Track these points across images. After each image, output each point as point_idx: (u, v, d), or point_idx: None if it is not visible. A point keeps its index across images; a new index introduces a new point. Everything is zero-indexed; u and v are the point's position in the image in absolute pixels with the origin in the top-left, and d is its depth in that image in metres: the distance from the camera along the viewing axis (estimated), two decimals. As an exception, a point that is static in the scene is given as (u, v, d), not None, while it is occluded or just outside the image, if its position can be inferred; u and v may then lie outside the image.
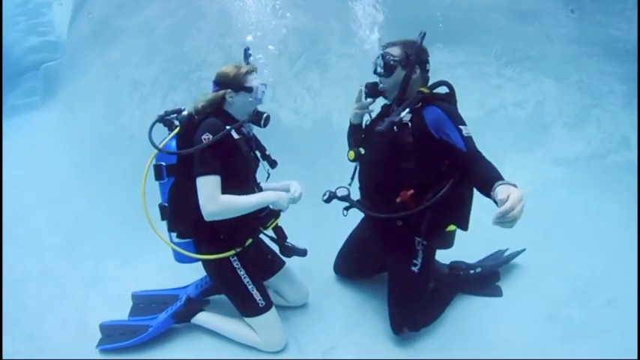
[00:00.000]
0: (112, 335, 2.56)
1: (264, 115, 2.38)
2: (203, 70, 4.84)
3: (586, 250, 3.30)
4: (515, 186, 1.75)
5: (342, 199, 2.66)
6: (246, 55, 2.47)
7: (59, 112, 6.75)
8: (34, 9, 10.75)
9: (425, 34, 2.37)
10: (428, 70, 2.48)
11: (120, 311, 2.81)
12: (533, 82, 5.04)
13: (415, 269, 2.50)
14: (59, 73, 8.12)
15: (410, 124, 2.27)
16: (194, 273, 2.83)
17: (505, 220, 1.60)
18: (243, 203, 2.24)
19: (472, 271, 2.96)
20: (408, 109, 2.28)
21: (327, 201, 2.68)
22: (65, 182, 4.77)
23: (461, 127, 2.16)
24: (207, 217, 2.17)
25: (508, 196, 1.64)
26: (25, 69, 9.86)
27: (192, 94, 2.46)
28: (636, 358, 2.33)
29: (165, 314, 2.58)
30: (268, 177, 2.60)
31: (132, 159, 4.54)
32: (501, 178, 1.86)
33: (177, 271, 2.87)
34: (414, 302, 2.55)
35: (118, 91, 5.32)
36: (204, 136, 2.16)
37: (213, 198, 2.14)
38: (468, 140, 2.12)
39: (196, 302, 2.67)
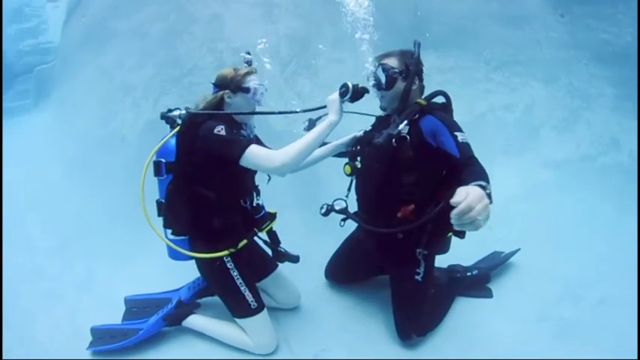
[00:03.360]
0: (103, 338, 2.56)
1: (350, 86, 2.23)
2: (195, 74, 4.85)
3: (576, 251, 3.35)
4: (484, 187, 1.62)
5: (340, 212, 2.67)
6: (247, 58, 2.50)
7: (52, 115, 6.72)
8: (27, 12, 10.71)
9: (420, 44, 2.41)
10: (423, 79, 2.51)
11: (112, 313, 2.81)
12: (522, 86, 5.09)
13: (419, 278, 2.53)
14: (52, 76, 8.08)
15: (408, 137, 2.28)
16: (187, 275, 2.84)
17: (463, 221, 1.48)
18: (305, 143, 2.17)
19: (469, 274, 3.00)
20: (406, 121, 2.30)
21: (325, 214, 2.70)
22: (57, 184, 4.75)
23: (456, 133, 2.15)
24: (281, 174, 2.18)
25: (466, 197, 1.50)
26: (17, 72, 9.83)
27: (184, 98, 2.48)
28: (636, 358, 2.35)
29: (156, 317, 2.58)
30: (269, 179, 2.60)
31: (124, 162, 4.55)
32: (482, 180, 1.72)
33: (170, 272, 2.88)
34: (420, 309, 2.58)
35: (110, 94, 5.31)
36: (217, 129, 2.18)
37: (269, 157, 2.13)
38: (463, 146, 2.10)
39: (187, 305, 2.68)
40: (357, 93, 2.23)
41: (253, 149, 2.14)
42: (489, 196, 1.62)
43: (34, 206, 4.46)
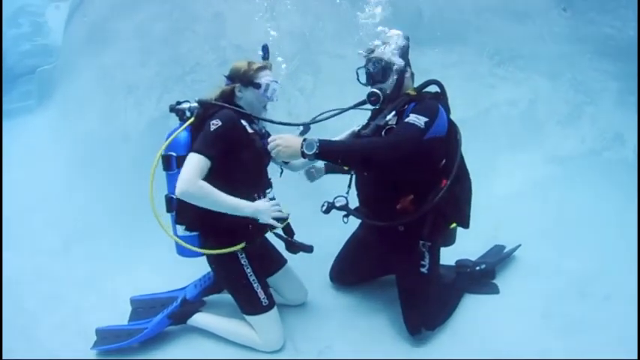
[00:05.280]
0: (108, 338, 2.55)
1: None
2: (197, 72, 4.86)
3: (581, 247, 3.32)
4: (304, 140, 2.08)
5: (341, 208, 2.65)
6: (264, 51, 2.49)
7: (54, 116, 6.72)
8: (28, 13, 10.71)
9: (409, 37, 2.44)
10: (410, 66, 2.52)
11: (116, 313, 2.80)
12: (526, 81, 5.06)
13: (424, 270, 2.51)
14: (54, 76, 8.07)
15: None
16: (194, 273, 2.84)
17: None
18: (217, 199, 2.16)
19: (478, 268, 3.00)
20: (394, 112, 2.29)
21: (326, 212, 2.67)
22: (60, 184, 4.76)
23: (413, 114, 2.15)
24: (178, 194, 2.10)
25: None
26: (20, 73, 9.81)
27: (187, 97, 2.47)
28: (636, 358, 2.31)
29: (161, 315, 2.57)
30: (282, 172, 2.60)
31: (127, 161, 4.56)
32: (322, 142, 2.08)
33: (174, 272, 2.89)
34: (428, 302, 2.55)
35: (112, 93, 5.32)
36: (213, 122, 2.19)
37: (191, 178, 2.10)
38: (402, 124, 2.14)
39: (192, 303, 2.67)
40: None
41: (193, 159, 2.14)
42: (302, 152, 2.08)
43: (38, 206, 4.46)
